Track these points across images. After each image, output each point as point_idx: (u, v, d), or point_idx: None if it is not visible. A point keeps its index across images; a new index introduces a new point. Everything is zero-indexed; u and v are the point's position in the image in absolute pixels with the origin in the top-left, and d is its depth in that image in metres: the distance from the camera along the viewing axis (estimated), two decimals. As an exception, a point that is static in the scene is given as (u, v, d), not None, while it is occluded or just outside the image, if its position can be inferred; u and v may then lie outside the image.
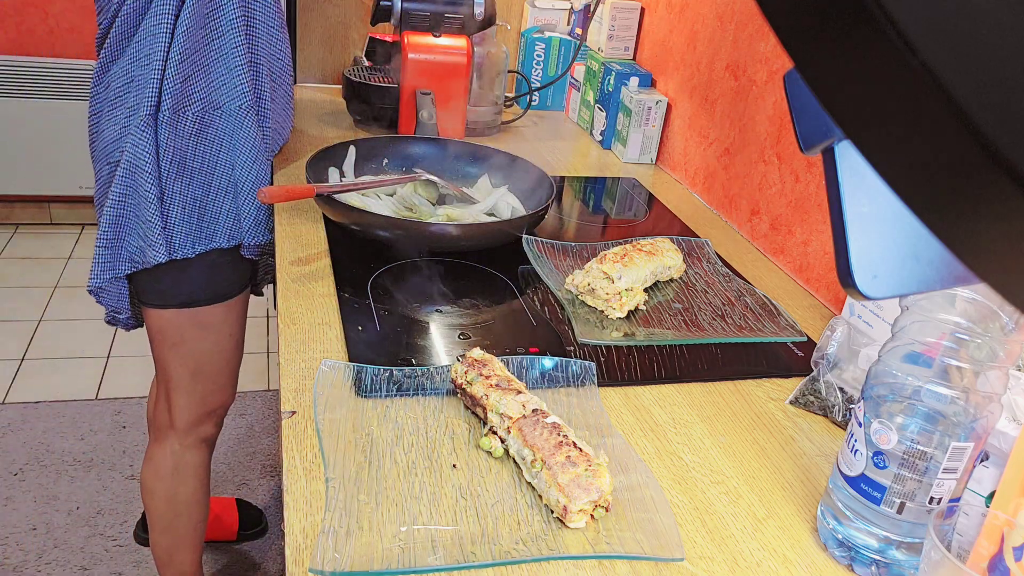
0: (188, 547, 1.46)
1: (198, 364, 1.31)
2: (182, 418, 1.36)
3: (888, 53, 0.16)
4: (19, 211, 3.12)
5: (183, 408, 1.35)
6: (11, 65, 2.84)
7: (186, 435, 1.37)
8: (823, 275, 1.15)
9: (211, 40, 1.13)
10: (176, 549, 1.46)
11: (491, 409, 0.76)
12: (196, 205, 1.19)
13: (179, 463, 1.39)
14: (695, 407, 0.87)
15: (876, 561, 0.65)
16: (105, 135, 1.17)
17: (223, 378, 1.36)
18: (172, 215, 1.17)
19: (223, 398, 1.38)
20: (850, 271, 0.26)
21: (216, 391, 1.36)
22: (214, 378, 1.34)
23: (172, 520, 1.44)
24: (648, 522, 0.68)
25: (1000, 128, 0.16)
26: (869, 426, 0.64)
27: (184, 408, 1.35)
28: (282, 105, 1.29)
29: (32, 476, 1.97)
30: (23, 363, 2.36)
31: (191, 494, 1.42)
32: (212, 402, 1.36)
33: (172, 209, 1.17)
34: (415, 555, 0.62)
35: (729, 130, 1.40)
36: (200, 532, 1.47)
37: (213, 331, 1.30)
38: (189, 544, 1.46)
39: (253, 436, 2.18)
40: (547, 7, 1.89)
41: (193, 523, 1.45)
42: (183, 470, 1.39)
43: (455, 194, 1.27)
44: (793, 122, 0.28)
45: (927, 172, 0.18)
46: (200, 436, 1.38)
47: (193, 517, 1.44)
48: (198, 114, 1.15)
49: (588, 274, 1.03)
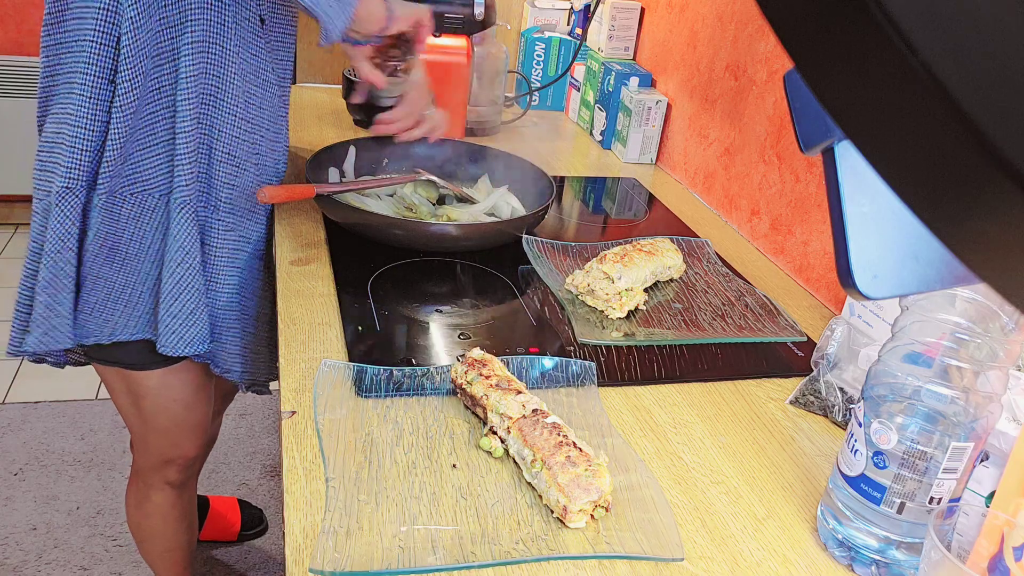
0: (160, 568, 1.43)
1: (144, 421, 1.21)
2: (140, 462, 1.30)
3: (888, 53, 0.16)
4: (19, 211, 3.12)
5: (139, 453, 1.29)
6: (11, 65, 2.84)
7: (147, 477, 1.31)
8: (823, 275, 1.15)
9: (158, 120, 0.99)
10: (151, 566, 1.45)
11: (491, 409, 0.76)
12: (123, 291, 1.05)
13: (143, 500, 1.33)
14: (695, 407, 0.87)
15: (876, 561, 0.65)
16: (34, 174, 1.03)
17: (176, 435, 1.24)
18: (92, 300, 1.04)
19: (182, 452, 1.27)
20: (850, 271, 0.26)
21: (171, 446, 1.25)
22: (165, 434, 1.23)
23: (140, 544, 1.41)
24: (648, 522, 0.68)
25: (1000, 128, 0.16)
26: (869, 426, 0.64)
27: (140, 454, 1.29)
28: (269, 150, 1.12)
29: (32, 476, 1.97)
30: (23, 363, 2.36)
31: (156, 527, 1.36)
32: (169, 453, 1.27)
33: (92, 294, 1.04)
34: (415, 555, 0.62)
35: (729, 130, 1.40)
36: (173, 560, 1.42)
37: (152, 395, 1.17)
38: (160, 566, 1.43)
39: (253, 436, 2.18)
40: (547, 7, 1.89)
41: (161, 551, 1.40)
42: (147, 507, 1.34)
43: (455, 194, 1.27)
44: (793, 122, 0.28)
45: (927, 172, 0.18)
46: (164, 479, 1.30)
47: (160, 546, 1.39)
48: (137, 198, 1.01)
49: (588, 274, 1.03)
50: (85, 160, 0.97)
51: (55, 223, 0.98)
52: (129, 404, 1.19)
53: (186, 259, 1.03)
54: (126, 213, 1.01)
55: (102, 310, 1.05)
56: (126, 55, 0.93)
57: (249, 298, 1.16)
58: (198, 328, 1.07)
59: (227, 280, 1.10)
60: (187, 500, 1.38)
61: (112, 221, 1.01)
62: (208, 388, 1.24)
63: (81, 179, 0.98)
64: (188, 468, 1.31)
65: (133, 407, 1.20)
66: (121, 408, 1.21)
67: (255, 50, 1.03)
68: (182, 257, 1.03)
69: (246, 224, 1.11)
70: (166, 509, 1.34)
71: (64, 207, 0.98)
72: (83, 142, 0.96)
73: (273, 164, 1.13)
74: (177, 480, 1.31)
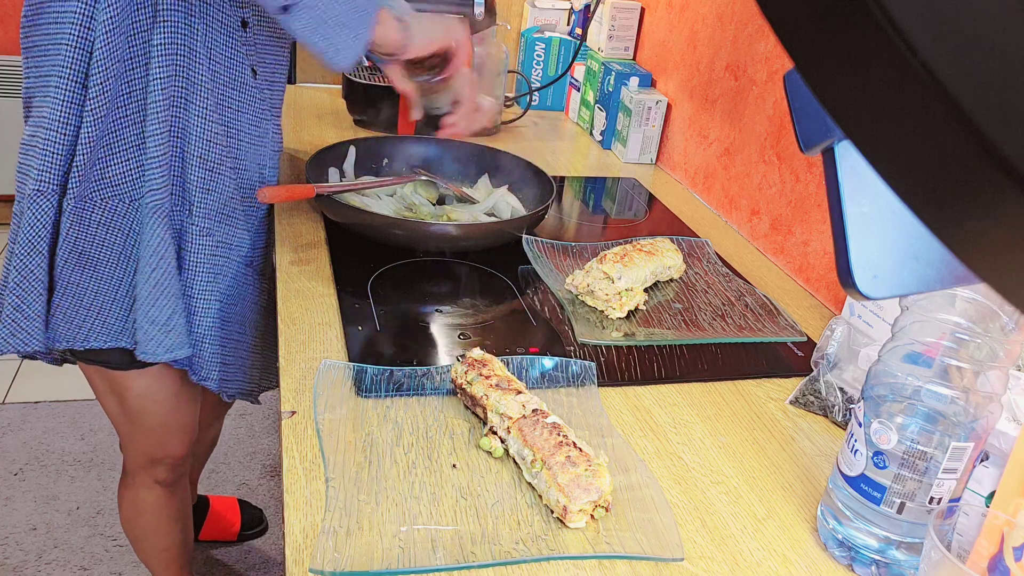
0: (156, 567, 1.43)
1: (130, 421, 1.20)
2: (129, 461, 1.30)
3: (888, 53, 0.16)
4: (19, 211, 3.12)
5: (128, 453, 1.29)
6: (11, 65, 2.84)
7: (136, 476, 1.30)
8: (823, 275, 1.15)
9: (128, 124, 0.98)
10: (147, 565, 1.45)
11: (491, 409, 0.76)
12: (95, 298, 1.04)
13: (134, 497, 1.33)
14: (695, 407, 0.87)
15: (876, 561, 0.65)
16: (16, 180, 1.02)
17: (162, 435, 1.23)
18: (64, 304, 1.02)
19: (169, 451, 1.26)
20: (850, 271, 0.26)
21: (158, 445, 1.24)
22: (152, 434, 1.22)
23: (134, 544, 1.41)
24: (648, 522, 0.68)
25: (1000, 128, 0.16)
26: (869, 426, 0.64)
27: (129, 453, 1.29)
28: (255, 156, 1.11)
29: (32, 476, 1.97)
30: (23, 363, 2.36)
31: (149, 526, 1.36)
32: (157, 453, 1.26)
33: (64, 299, 1.02)
34: (415, 555, 0.62)
35: (729, 130, 1.40)
36: (168, 558, 1.41)
37: (135, 396, 1.16)
38: (155, 565, 1.42)
39: (253, 436, 2.18)
40: (547, 7, 1.89)
41: (156, 549, 1.39)
42: (138, 506, 1.33)
43: (455, 194, 1.27)
44: (793, 122, 0.28)
45: (927, 172, 0.18)
46: (153, 478, 1.29)
47: (154, 544, 1.39)
48: (107, 203, 1.00)
49: (588, 274, 1.03)
50: (56, 163, 0.96)
51: (26, 226, 0.98)
52: (114, 404, 1.18)
53: (160, 264, 1.02)
54: (96, 218, 1.00)
55: (74, 316, 1.04)
56: (98, 59, 0.93)
57: (232, 305, 1.14)
58: (176, 334, 1.05)
59: (205, 286, 1.08)
60: (179, 499, 1.37)
61: (82, 226, 0.99)
62: (194, 389, 1.22)
63: (52, 183, 0.97)
64: (177, 468, 1.30)
65: (118, 407, 1.19)
66: (106, 407, 1.20)
67: (230, 53, 1.02)
68: (156, 262, 1.02)
69: (224, 229, 1.08)
70: (157, 508, 1.33)
71: (35, 210, 0.97)
72: (55, 145, 0.95)
73: (257, 167, 1.11)
74: (166, 479, 1.30)
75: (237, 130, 1.06)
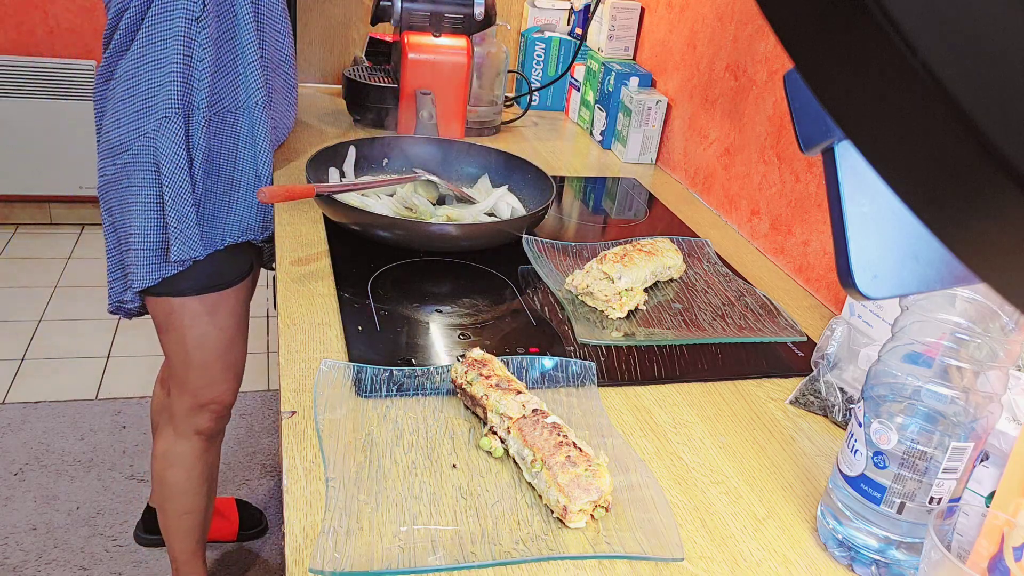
0: (175, 535, 1.49)
1: (187, 353, 1.32)
2: (177, 405, 1.39)
3: (888, 53, 0.16)
4: (19, 211, 3.12)
5: (177, 396, 1.38)
6: (11, 65, 2.84)
7: (180, 423, 1.39)
8: (823, 275, 1.15)
9: (230, 41, 1.18)
10: (167, 534, 1.50)
11: (491, 409, 0.76)
12: (225, 201, 1.23)
13: (169, 449, 1.42)
14: (695, 407, 0.87)
15: (876, 561, 0.65)
16: (111, 135, 1.18)
17: (215, 371, 1.35)
18: (203, 212, 1.21)
19: (217, 393, 1.38)
20: (850, 271, 0.26)
21: (208, 385, 1.36)
22: (204, 370, 1.34)
23: (161, 504, 1.48)
24: (648, 522, 0.68)
25: (1000, 128, 0.16)
26: (869, 426, 0.64)
27: (178, 396, 1.38)
28: (283, 95, 1.31)
29: (32, 476, 1.97)
30: (23, 363, 2.36)
31: (178, 482, 1.43)
32: (205, 395, 1.37)
33: (204, 207, 1.21)
34: (415, 555, 0.62)
35: (729, 130, 1.40)
36: (188, 524, 1.48)
37: (200, 323, 1.30)
38: (175, 532, 1.49)
39: (253, 436, 2.18)
40: (547, 7, 1.89)
41: (178, 512, 1.47)
42: (171, 457, 1.42)
43: (455, 194, 1.27)
44: (793, 122, 0.28)
45: (927, 172, 0.18)
46: (194, 427, 1.40)
47: (179, 506, 1.46)
48: (224, 114, 1.19)
49: (588, 274, 1.03)
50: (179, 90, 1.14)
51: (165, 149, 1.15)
52: (175, 340, 1.31)
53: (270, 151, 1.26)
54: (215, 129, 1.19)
55: (211, 219, 1.22)
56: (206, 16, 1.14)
57: None
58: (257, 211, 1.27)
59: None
60: (212, 458, 1.47)
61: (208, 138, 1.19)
62: (246, 328, 1.38)
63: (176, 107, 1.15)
64: (220, 418, 1.42)
65: (179, 342, 1.31)
66: (168, 345, 1.33)
67: None
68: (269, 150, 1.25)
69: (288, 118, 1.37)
70: (191, 462, 1.42)
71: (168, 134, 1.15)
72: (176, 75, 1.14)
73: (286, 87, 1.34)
74: (208, 429, 1.40)
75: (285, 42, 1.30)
